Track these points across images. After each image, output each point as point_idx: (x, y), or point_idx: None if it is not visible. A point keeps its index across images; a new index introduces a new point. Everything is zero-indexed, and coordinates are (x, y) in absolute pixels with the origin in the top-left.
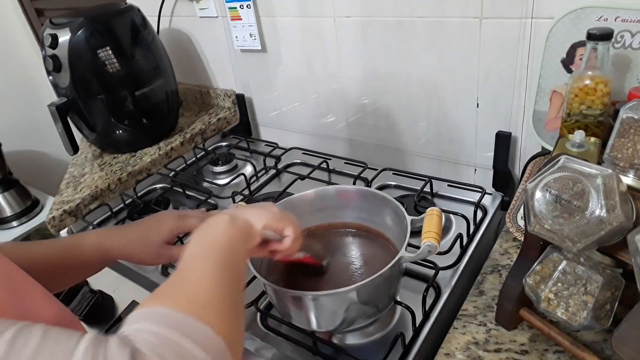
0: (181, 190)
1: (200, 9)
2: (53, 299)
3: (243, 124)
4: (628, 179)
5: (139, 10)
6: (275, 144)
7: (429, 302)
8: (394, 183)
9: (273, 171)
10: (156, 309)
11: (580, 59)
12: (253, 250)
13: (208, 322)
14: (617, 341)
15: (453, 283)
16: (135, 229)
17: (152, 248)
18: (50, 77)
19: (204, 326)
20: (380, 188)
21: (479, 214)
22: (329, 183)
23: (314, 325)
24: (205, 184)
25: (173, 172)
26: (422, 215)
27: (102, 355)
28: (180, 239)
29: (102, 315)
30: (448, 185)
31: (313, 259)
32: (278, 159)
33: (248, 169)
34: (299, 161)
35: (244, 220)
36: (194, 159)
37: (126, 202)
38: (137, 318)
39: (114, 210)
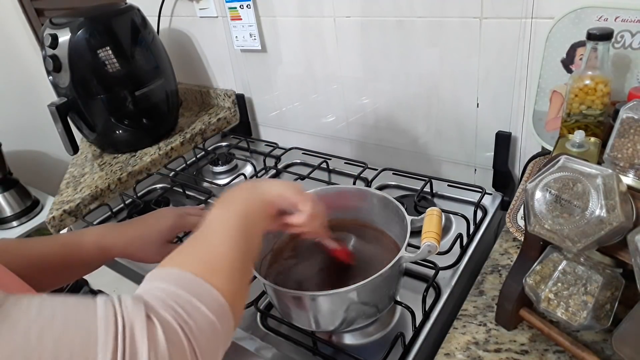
0: (181, 190)
1: (200, 9)
2: None
3: (243, 124)
4: (628, 179)
5: (139, 10)
6: (275, 144)
7: (429, 302)
8: (394, 183)
9: (273, 171)
10: (170, 270)
11: (580, 59)
12: (270, 221)
13: (216, 286)
14: (617, 341)
15: (453, 283)
16: (136, 227)
17: (153, 247)
18: (50, 77)
19: (212, 289)
20: (380, 188)
21: (479, 214)
22: (329, 183)
23: (314, 325)
24: (205, 184)
25: (173, 172)
26: (422, 215)
27: (120, 311)
28: (180, 239)
29: None
30: (448, 185)
31: (347, 253)
32: (278, 159)
33: (248, 169)
34: (299, 161)
35: (263, 190)
36: (194, 159)
37: (126, 202)
38: (152, 278)
39: (114, 210)
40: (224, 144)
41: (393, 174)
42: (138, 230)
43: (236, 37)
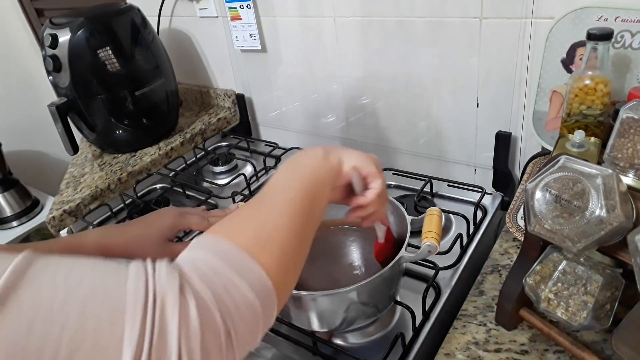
0: (181, 190)
1: (200, 9)
2: None
3: (243, 124)
4: (628, 179)
5: (139, 10)
6: (275, 144)
7: (429, 302)
8: (394, 183)
9: (273, 171)
10: (216, 238)
11: (580, 59)
12: (337, 193)
13: (264, 264)
14: (617, 341)
15: (453, 283)
16: (136, 227)
17: (154, 245)
18: (50, 77)
19: (257, 266)
20: None
21: (479, 214)
22: None
23: (314, 325)
24: (205, 184)
25: (173, 172)
26: (422, 215)
27: (152, 282)
28: (180, 238)
29: None
30: (448, 185)
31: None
32: (278, 159)
33: (248, 169)
34: None
35: (338, 157)
36: (194, 159)
37: (126, 202)
38: (196, 245)
39: (114, 210)
40: (224, 144)
41: (393, 174)
42: (138, 229)
43: (236, 37)
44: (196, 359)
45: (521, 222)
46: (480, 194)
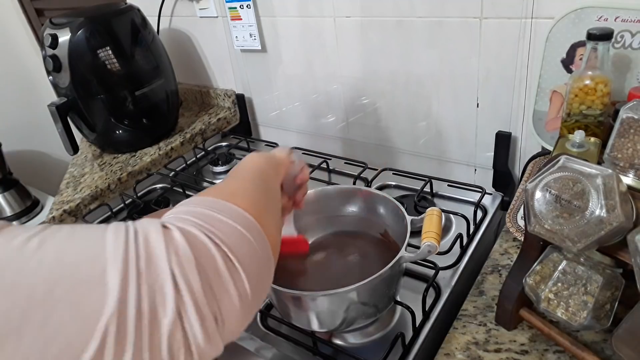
0: (181, 190)
1: (200, 9)
2: None
3: (243, 124)
4: (628, 179)
5: (139, 10)
6: (275, 144)
7: (429, 302)
8: (394, 183)
9: None
10: (192, 197)
11: (580, 59)
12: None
13: (239, 204)
14: (617, 341)
15: (453, 283)
16: None
17: None
18: (50, 77)
19: (235, 206)
20: (380, 188)
21: (479, 214)
22: (329, 183)
23: (314, 325)
24: (205, 184)
25: (173, 172)
26: (422, 215)
27: (132, 223)
28: None
29: None
30: (448, 185)
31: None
32: None
33: None
34: None
35: (269, 154)
36: (194, 159)
37: (126, 202)
38: (176, 205)
39: (114, 210)
40: (224, 144)
41: (393, 174)
42: None
43: (236, 37)
44: (194, 282)
45: (521, 222)
46: (480, 194)
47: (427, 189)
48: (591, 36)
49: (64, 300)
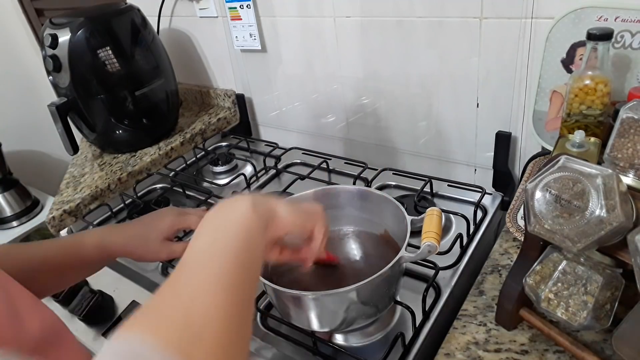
0: (181, 190)
1: (200, 9)
2: (42, 306)
3: (243, 124)
4: (628, 179)
5: (139, 10)
6: (275, 144)
7: (429, 302)
8: (394, 183)
9: (273, 171)
10: (131, 343)
11: (580, 59)
12: (268, 251)
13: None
14: (617, 341)
15: (453, 283)
16: (135, 226)
17: (152, 244)
18: (50, 77)
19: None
20: (380, 188)
21: (479, 214)
22: (329, 183)
23: (314, 325)
24: (205, 184)
25: (173, 172)
26: (422, 215)
27: None
28: (180, 238)
29: (102, 315)
30: (448, 185)
31: (330, 255)
32: (278, 159)
33: (248, 169)
34: (299, 161)
35: (268, 208)
36: (194, 159)
37: (126, 202)
38: (106, 354)
39: (114, 210)
40: (224, 144)
41: (393, 174)
42: (137, 229)
43: (236, 37)
44: None
45: (521, 222)
46: (480, 194)
47: (427, 189)
48: (591, 36)
49: None
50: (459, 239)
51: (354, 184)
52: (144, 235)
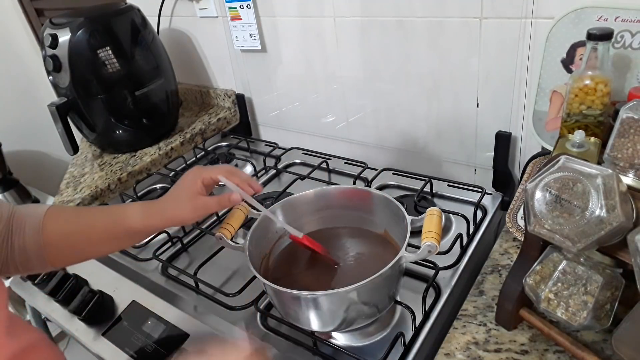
0: None
1: (200, 9)
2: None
3: (243, 124)
4: (628, 179)
5: (139, 10)
6: (275, 144)
7: (429, 302)
8: (394, 183)
9: (273, 171)
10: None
11: (580, 59)
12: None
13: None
14: (617, 341)
15: (453, 283)
16: (168, 194)
17: (185, 203)
18: (50, 77)
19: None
20: (380, 188)
21: (479, 214)
22: (329, 183)
23: (314, 325)
24: None
25: (173, 172)
26: (422, 215)
27: None
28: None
29: (102, 315)
30: (448, 185)
31: (329, 255)
32: (278, 159)
33: (248, 169)
34: (299, 161)
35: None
36: (194, 159)
37: (126, 202)
38: None
39: None
40: (224, 144)
41: (393, 174)
42: (170, 194)
43: (236, 37)
44: None
45: (521, 222)
46: (480, 194)
47: (427, 189)
48: (591, 36)
49: None
50: (459, 239)
51: (354, 184)
52: (176, 198)
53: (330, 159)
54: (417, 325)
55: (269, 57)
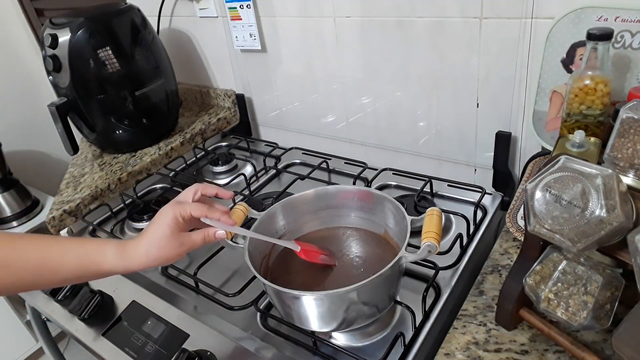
0: (181, 190)
1: (200, 9)
2: None
3: (243, 124)
4: (628, 179)
5: (139, 10)
6: (275, 144)
7: (429, 302)
8: (394, 183)
9: (273, 171)
10: None
11: (580, 59)
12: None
13: None
14: (617, 341)
15: (453, 283)
16: (147, 233)
17: (170, 240)
18: (50, 77)
19: None
20: (380, 188)
21: (479, 214)
22: (329, 183)
23: (314, 325)
24: (206, 184)
25: (173, 172)
26: (422, 215)
27: None
28: None
29: (102, 315)
30: (448, 185)
31: (328, 258)
32: (278, 159)
33: (248, 169)
34: (299, 161)
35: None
36: (194, 159)
37: (126, 202)
38: None
39: (114, 210)
40: (224, 144)
41: (393, 174)
42: (150, 233)
43: (236, 37)
44: None
45: (521, 222)
46: (480, 194)
47: (427, 189)
48: (591, 36)
49: None
50: (459, 239)
51: (354, 184)
52: (159, 236)
53: (330, 159)
54: (417, 325)
55: (269, 57)
